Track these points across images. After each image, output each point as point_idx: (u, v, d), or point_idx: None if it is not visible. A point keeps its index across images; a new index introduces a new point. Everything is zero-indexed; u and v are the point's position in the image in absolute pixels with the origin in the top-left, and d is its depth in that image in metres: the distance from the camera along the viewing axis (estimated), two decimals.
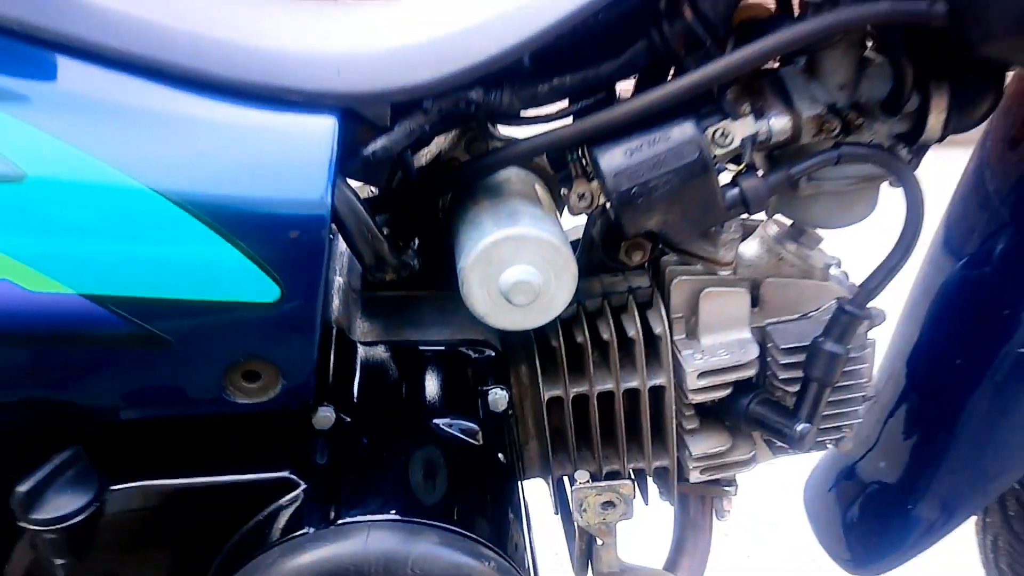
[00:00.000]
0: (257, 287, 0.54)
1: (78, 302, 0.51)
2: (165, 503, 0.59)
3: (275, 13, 0.64)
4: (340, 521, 0.56)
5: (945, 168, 0.91)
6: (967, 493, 0.85)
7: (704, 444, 0.78)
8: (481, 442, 0.67)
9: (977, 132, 0.76)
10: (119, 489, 0.57)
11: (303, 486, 0.59)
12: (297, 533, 0.56)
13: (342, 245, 0.77)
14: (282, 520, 0.58)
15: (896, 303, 0.90)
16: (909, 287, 0.92)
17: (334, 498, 0.58)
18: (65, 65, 0.52)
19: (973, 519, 1.04)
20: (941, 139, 0.69)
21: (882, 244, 0.71)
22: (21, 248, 0.50)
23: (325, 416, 0.62)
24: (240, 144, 0.55)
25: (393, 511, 0.57)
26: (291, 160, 0.55)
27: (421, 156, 0.75)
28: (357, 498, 0.58)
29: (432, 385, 0.70)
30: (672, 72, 0.65)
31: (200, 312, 0.53)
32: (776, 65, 0.68)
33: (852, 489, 0.96)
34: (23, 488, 0.55)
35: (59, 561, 0.58)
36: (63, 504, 0.56)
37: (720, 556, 1.40)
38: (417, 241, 0.76)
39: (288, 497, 0.59)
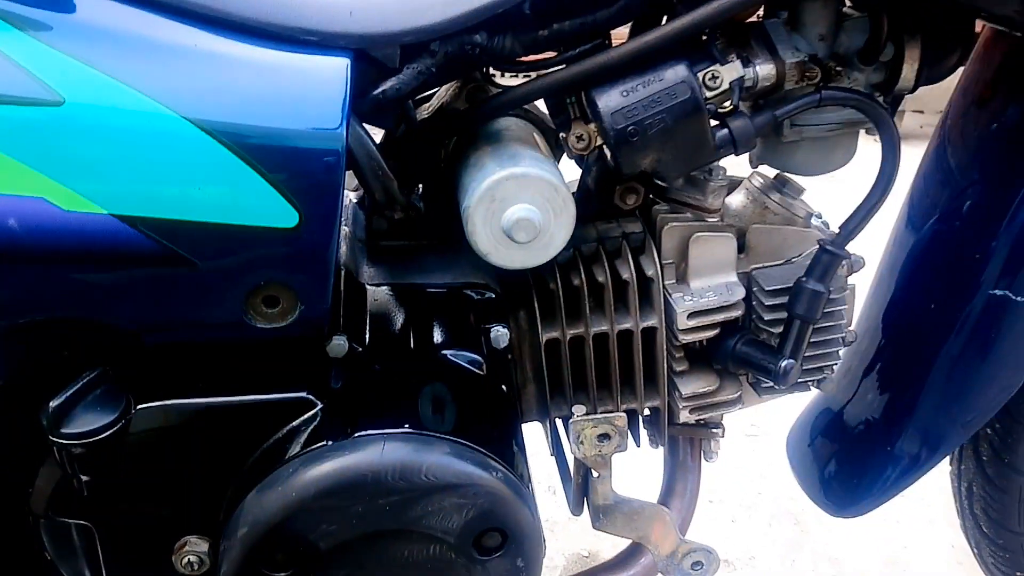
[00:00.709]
0: (278, 213, 0.57)
1: (110, 222, 0.54)
2: (189, 422, 0.62)
3: None
4: (357, 435, 0.59)
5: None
6: (946, 430, 0.89)
7: (693, 385, 0.82)
8: (485, 373, 0.70)
9: None
10: (145, 408, 0.60)
11: (320, 405, 0.62)
12: (316, 446, 0.59)
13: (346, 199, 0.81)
14: (302, 436, 0.61)
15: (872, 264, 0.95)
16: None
17: (350, 415, 0.61)
18: (100, 2, 0.56)
19: (948, 468, 1.09)
20: (914, 89, 0.73)
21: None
22: (58, 169, 0.53)
23: (339, 344, 0.65)
24: (262, 79, 0.58)
25: (407, 425, 0.61)
26: (309, 95, 0.59)
27: (423, 109, 0.79)
28: (372, 415, 0.62)
29: (438, 323, 0.73)
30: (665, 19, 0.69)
31: (224, 236, 0.57)
32: (761, 17, 0.73)
33: (833, 437, 1.00)
34: (53, 404, 0.58)
35: (84, 477, 0.61)
36: (91, 420, 0.59)
37: (706, 521, 1.45)
38: (421, 189, 0.80)
39: (306, 416, 0.62)
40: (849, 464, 0.96)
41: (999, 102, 0.84)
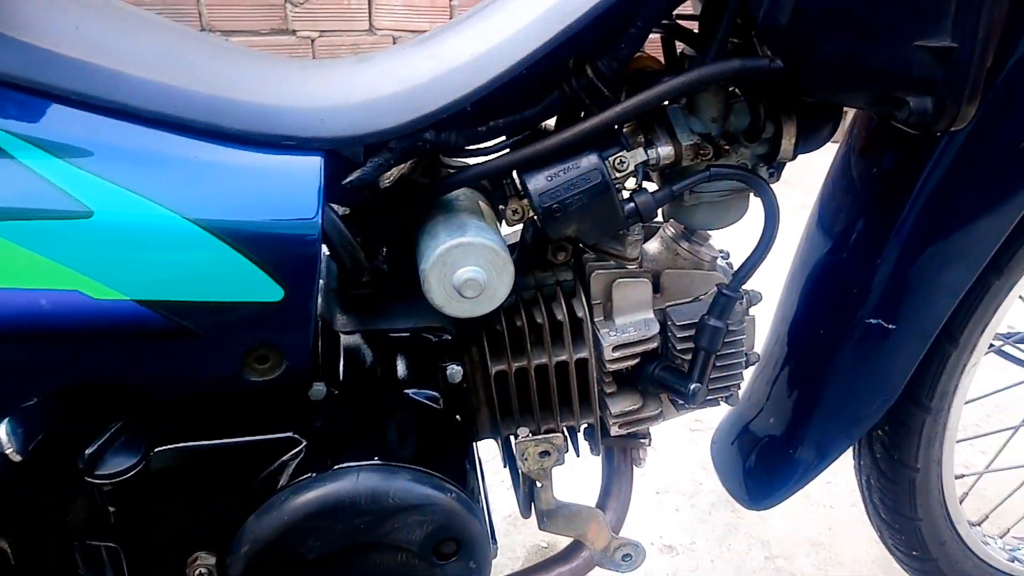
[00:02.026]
0: (266, 289, 0.69)
1: (131, 306, 0.67)
2: (196, 460, 0.74)
3: (271, 72, 0.79)
4: (336, 467, 0.73)
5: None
6: (835, 437, 1.03)
7: (621, 404, 0.94)
8: (442, 407, 0.84)
9: None
10: (160, 451, 0.73)
11: (304, 443, 0.76)
12: (302, 477, 0.73)
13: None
14: (290, 469, 0.74)
15: (779, 281, 1.10)
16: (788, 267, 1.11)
17: (330, 450, 0.75)
18: (114, 125, 0.68)
19: (852, 464, 1.25)
20: (793, 158, 0.87)
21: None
22: (89, 267, 0.65)
23: (319, 390, 0.78)
24: (249, 180, 0.70)
25: (376, 458, 0.75)
26: (289, 191, 0.71)
27: (385, 179, 0.91)
28: (348, 449, 0.75)
29: (401, 363, 0.87)
30: (583, 113, 0.83)
31: (222, 310, 0.69)
32: (665, 103, 0.86)
33: (748, 442, 1.13)
34: (88, 452, 0.71)
35: (112, 508, 0.74)
36: (117, 464, 0.72)
37: (653, 510, 1.60)
38: (385, 250, 0.93)
39: (293, 452, 0.76)
40: (760, 465, 1.10)
41: (877, 151, 0.96)
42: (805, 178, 0.88)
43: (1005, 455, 1.41)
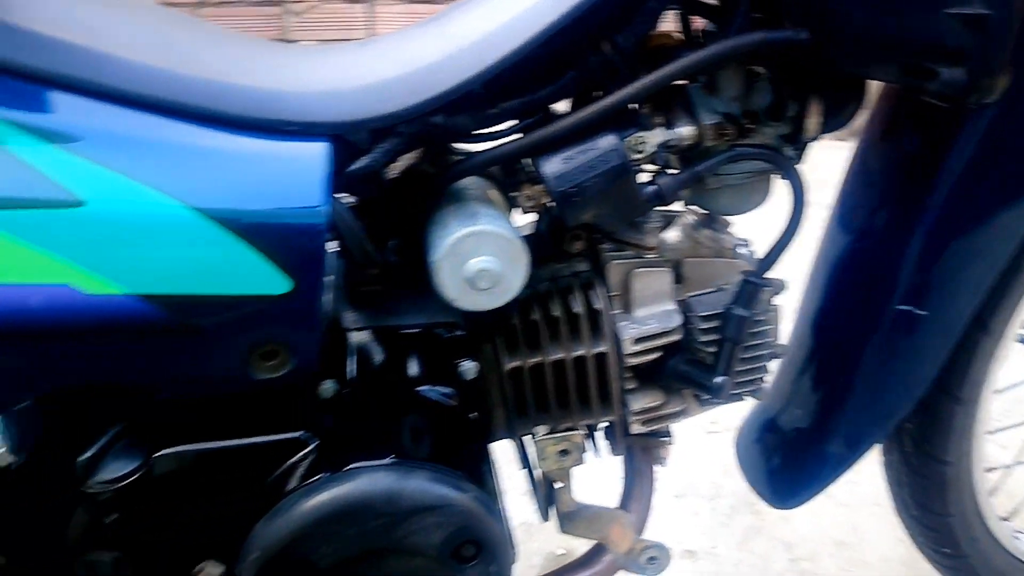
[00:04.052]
0: (272, 282, 0.66)
1: (128, 300, 0.63)
2: (201, 463, 0.71)
3: (273, 56, 0.76)
4: (348, 467, 0.69)
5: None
6: (866, 430, 0.99)
7: (642, 401, 0.90)
8: (456, 404, 0.80)
9: None
10: (162, 454, 0.70)
11: (315, 443, 0.72)
12: (313, 479, 0.69)
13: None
14: (300, 470, 0.71)
15: (802, 274, 1.06)
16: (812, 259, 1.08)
17: (342, 450, 0.71)
18: (109, 110, 0.64)
19: (881, 461, 1.20)
20: (817, 137, 0.84)
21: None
22: (81, 259, 0.61)
23: (328, 388, 0.74)
24: (253, 166, 0.67)
25: (390, 456, 0.71)
26: (294, 178, 0.67)
27: (393, 169, 0.88)
28: (360, 449, 0.71)
29: (413, 361, 0.83)
30: (599, 93, 0.80)
31: (227, 304, 0.65)
32: (684, 82, 0.83)
33: (774, 438, 1.10)
34: (83, 458, 0.67)
35: (114, 516, 0.70)
36: (116, 469, 0.68)
37: (672, 514, 1.56)
38: (393, 242, 0.89)
39: (303, 452, 0.72)
40: (787, 462, 1.06)
41: (901, 134, 0.92)
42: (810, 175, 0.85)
43: None
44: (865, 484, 1.60)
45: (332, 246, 0.90)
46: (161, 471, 0.69)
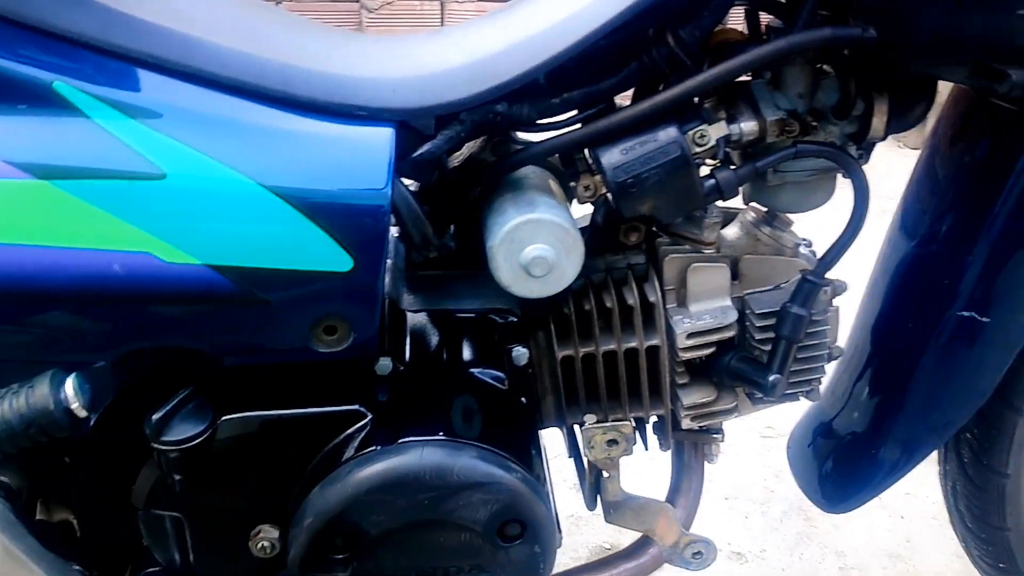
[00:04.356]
0: (335, 259, 0.68)
1: (202, 270, 0.66)
2: (263, 430, 0.74)
3: (346, 45, 0.79)
4: (400, 441, 0.72)
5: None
6: (922, 438, 0.98)
7: (693, 396, 0.90)
8: (507, 388, 0.82)
9: None
10: (228, 419, 0.73)
11: (369, 416, 0.75)
12: (367, 451, 0.72)
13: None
14: (355, 442, 0.73)
15: (862, 279, 1.05)
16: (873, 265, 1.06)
17: (395, 424, 0.73)
18: (191, 90, 0.68)
19: (936, 470, 1.18)
20: (884, 138, 0.83)
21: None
22: (161, 229, 0.65)
23: (385, 364, 0.77)
24: (322, 149, 0.70)
25: (441, 433, 0.73)
26: (360, 161, 0.70)
27: (455, 158, 0.90)
28: (413, 424, 0.73)
29: (467, 344, 0.85)
30: (661, 86, 0.80)
31: (292, 279, 0.68)
32: (748, 78, 0.83)
33: (828, 442, 1.09)
34: (155, 416, 0.71)
35: (178, 476, 0.74)
36: (185, 430, 0.72)
37: (721, 516, 1.55)
38: (453, 227, 0.92)
39: (358, 425, 0.74)
40: (840, 466, 1.05)
41: (969, 139, 0.91)
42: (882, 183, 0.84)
43: None
44: (923, 496, 1.57)
45: (393, 229, 0.94)
46: (225, 435, 0.73)
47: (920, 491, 1.57)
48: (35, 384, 0.61)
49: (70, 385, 0.62)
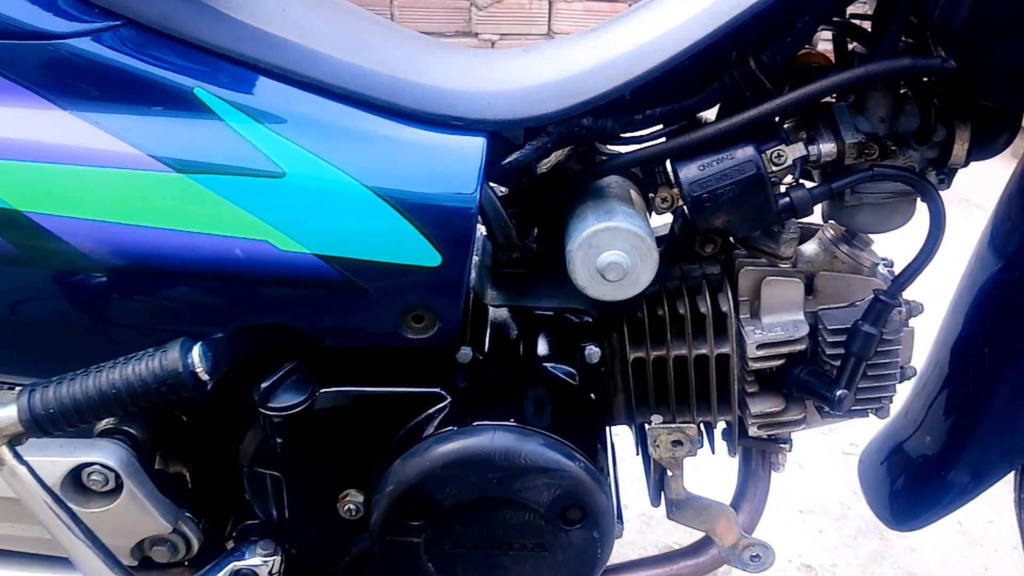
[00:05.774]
0: (426, 254, 0.75)
1: (311, 259, 0.75)
2: (355, 404, 0.82)
3: (446, 59, 0.86)
4: (475, 424, 0.79)
5: None
6: (993, 462, 0.97)
7: (762, 405, 0.93)
8: (577, 383, 0.88)
9: None
10: (326, 391, 0.82)
11: (449, 399, 0.82)
12: (445, 430, 0.79)
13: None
14: (435, 421, 0.81)
15: (944, 299, 1.05)
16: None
17: (471, 408, 0.80)
18: (308, 98, 0.76)
19: (1012, 495, 1.16)
20: (965, 164, 0.83)
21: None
22: (279, 221, 0.74)
23: (466, 353, 0.84)
24: (419, 154, 0.77)
25: (512, 420, 0.79)
26: (453, 167, 0.77)
27: (542, 165, 0.96)
28: (487, 409, 0.80)
29: (542, 339, 0.91)
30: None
31: (388, 270, 0.76)
32: (831, 100, 0.85)
33: (899, 461, 1.09)
34: (264, 385, 0.80)
35: (280, 440, 0.83)
36: (288, 399, 0.81)
37: (794, 529, 1.55)
38: (536, 231, 0.97)
39: (438, 406, 0.82)
40: (908, 485, 1.05)
41: None
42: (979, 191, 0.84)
43: None
44: (1004, 526, 1.53)
45: (480, 229, 1.00)
46: (322, 406, 0.81)
47: (1003, 519, 1.54)
48: (167, 349, 0.71)
49: (196, 352, 0.71)
